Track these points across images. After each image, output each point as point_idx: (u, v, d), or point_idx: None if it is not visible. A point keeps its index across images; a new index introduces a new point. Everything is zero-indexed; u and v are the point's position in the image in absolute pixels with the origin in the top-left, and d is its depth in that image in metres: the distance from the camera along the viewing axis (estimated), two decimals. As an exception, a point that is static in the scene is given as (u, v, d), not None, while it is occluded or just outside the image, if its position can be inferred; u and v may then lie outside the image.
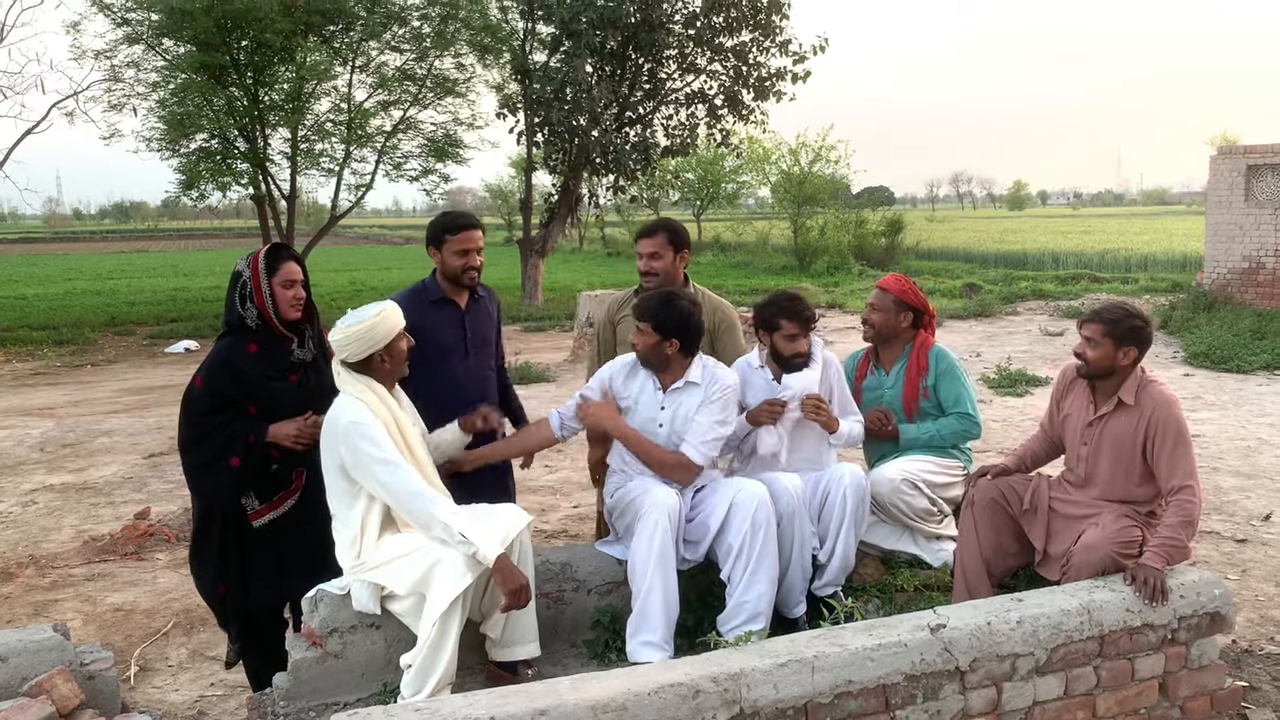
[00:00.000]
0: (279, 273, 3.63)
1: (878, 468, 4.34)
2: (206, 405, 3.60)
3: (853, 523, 3.94)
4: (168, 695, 4.26)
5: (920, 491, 4.22)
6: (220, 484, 3.60)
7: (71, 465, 8.34)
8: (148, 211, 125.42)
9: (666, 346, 3.76)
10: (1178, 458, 3.47)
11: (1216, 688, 3.37)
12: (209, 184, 17.47)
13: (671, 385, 3.83)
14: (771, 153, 34.85)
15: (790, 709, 2.74)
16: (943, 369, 4.43)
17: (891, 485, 4.19)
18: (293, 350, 3.72)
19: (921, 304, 4.50)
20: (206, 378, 3.62)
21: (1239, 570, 5.31)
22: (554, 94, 17.24)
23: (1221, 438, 8.30)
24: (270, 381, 3.65)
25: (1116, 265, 28.75)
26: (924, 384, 4.42)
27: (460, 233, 4.04)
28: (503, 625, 3.43)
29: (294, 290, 3.66)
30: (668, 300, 3.77)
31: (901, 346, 4.50)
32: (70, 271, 36.00)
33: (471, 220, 4.12)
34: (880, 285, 4.55)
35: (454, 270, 4.05)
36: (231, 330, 3.66)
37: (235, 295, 3.64)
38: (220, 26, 15.96)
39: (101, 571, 5.70)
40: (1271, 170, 14.15)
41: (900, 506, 4.20)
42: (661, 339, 3.74)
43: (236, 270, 3.67)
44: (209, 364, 3.64)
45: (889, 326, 4.46)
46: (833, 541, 3.95)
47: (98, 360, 15.10)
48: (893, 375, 4.49)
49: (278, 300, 3.62)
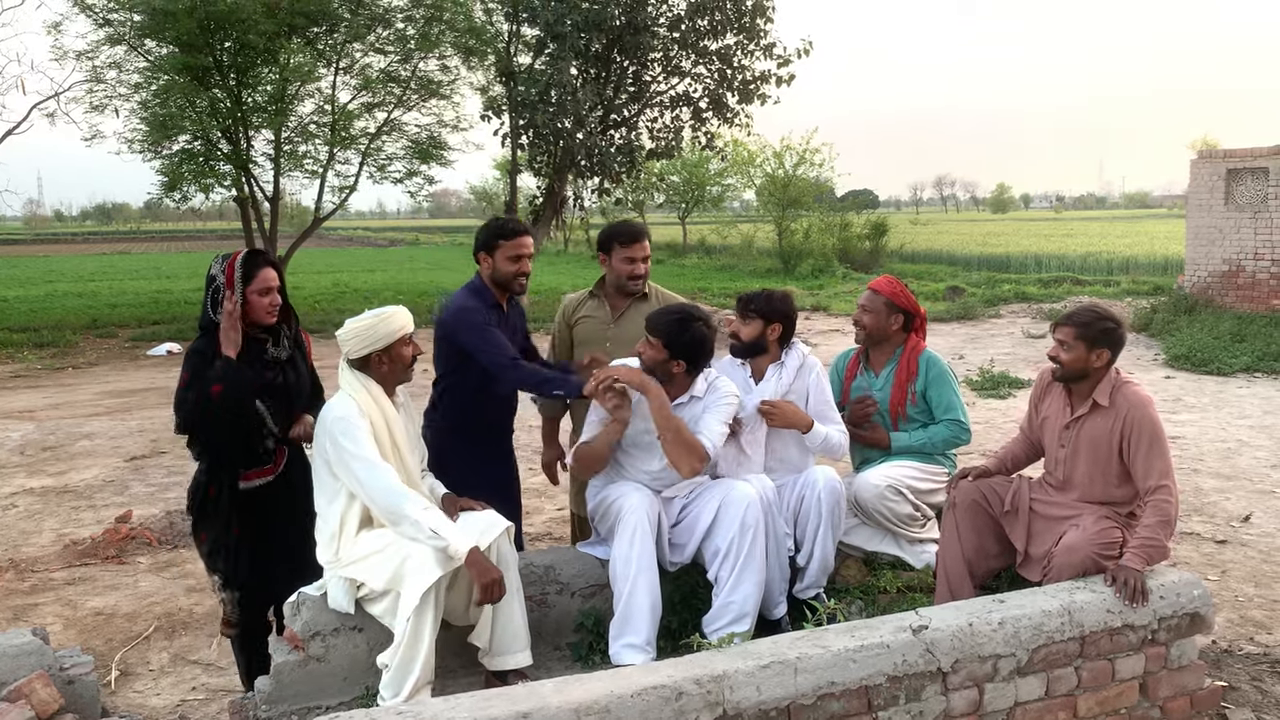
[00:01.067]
0: (255, 280, 3.63)
1: (862, 473, 4.34)
2: (189, 363, 3.63)
3: (829, 526, 3.94)
4: (149, 699, 4.23)
5: (904, 498, 4.22)
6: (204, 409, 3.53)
7: (52, 468, 8.28)
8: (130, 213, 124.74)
9: (673, 365, 3.74)
10: (1153, 458, 3.50)
11: (1196, 688, 3.40)
12: (192, 185, 17.34)
13: (675, 400, 3.80)
14: (756, 156, 34.95)
15: (773, 710, 2.74)
16: (934, 375, 4.42)
17: (876, 491, 4.19)
18: (267, 349, 3.72)
19: (912, 306, 4.48)
20: (187, 366, 3.64)
21: (1219, 571, 5.35)
22: (539, 96, 17.22)
23: (1202, 439, 8.37)
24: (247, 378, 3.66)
25: (1098, 268, 28.90)
26: (912, 389, 4.40)
27: (515, 238, 4.05)
28: (490, 633, 3.41)
29: (270, 297, 3.67)
30: (684, 322, 3.71)
31: (892, 349, 4.47)
32: (51, 273, 35.72)
33: (525, 226, 4.14)
34: (871, 287, 4.52)
35: (506, 276, 4.05)
36: (205, 332, 3.66)
37: (209, 298, 3.65)
38: (203, 28, 15.86)
39: (82, 575, 5.66)
40: (1251, 174, 14.28)
41: (884, 512, 4.21)
42: (670, 357, 3.72)
43: (212, 274, 3.67)
44: (187, 358, 3.67)
45: (879, 328, 4.44)
46: (810, 545, 3.96)
47: (79, 363, 14.99)
48: (882, 378, 4.47)
49: (252, 307, 3.63)
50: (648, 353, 3.75)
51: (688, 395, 3.83)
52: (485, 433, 4.19)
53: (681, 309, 3.82)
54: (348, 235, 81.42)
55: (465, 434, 4.13)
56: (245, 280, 3.62)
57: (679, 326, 3.70)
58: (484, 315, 4.00)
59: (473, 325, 3.98)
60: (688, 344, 3.70)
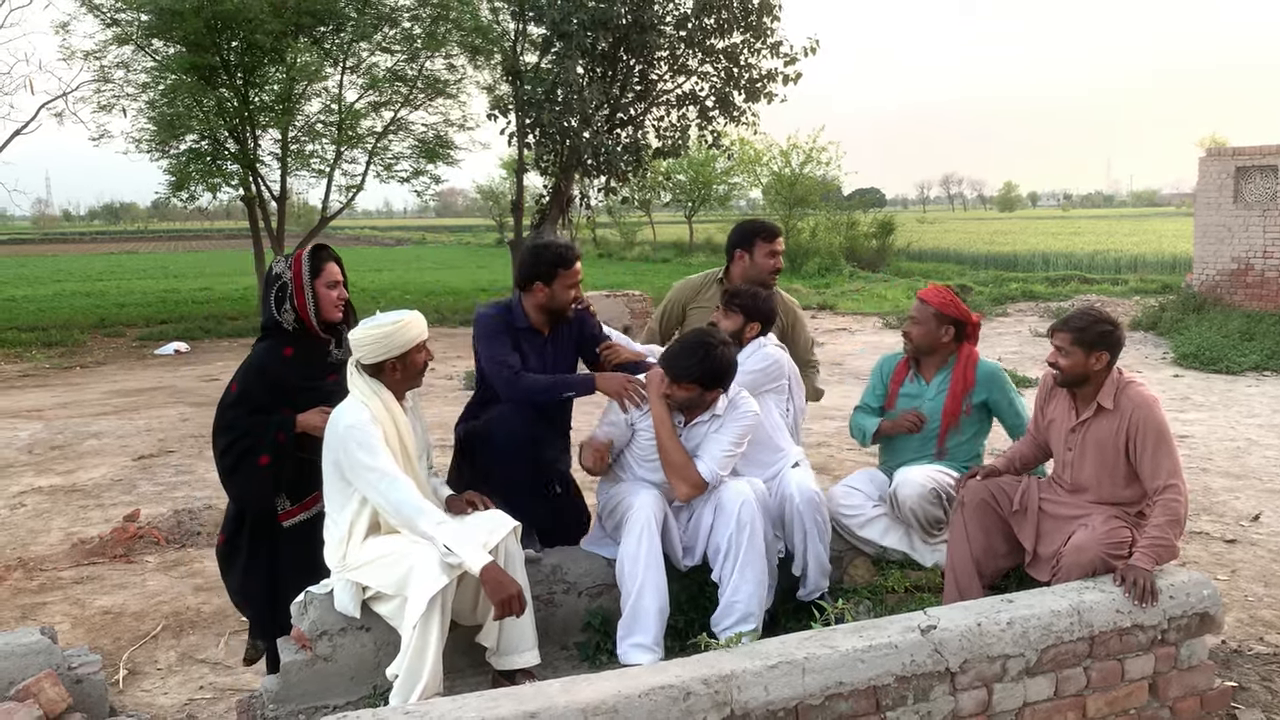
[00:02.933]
0: (323, 273, 3.62)
1: (906, 469, 4.29)
2: (236, 411, 3.59)
3: (817, 532, 3.98)
4: (156, 698, 4.24)
5: (941, 502, 4.20)
6: (251, 484, 3.60)
7: (60, 467, 8.30)
8: (137, 213, 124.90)
9: (710, 396, 3.76)
10: (1160, 457, 3.49)
11: (1206, 688, 3.38)
12: (199, 185, 17.35)
13: (695, 420, 3.83)
14: (763, 154, 34.90)
15: (781, 711, 2.73)
16: (995, 390, 4.36)
17: (920, 491, 4.15)
18: (331, 351, 3.70)
19: (964, 315, 4.35)
20: (241, 382, 3.61)
21: (1228, 571, 5.33)
22: (545, 95, 17.20)
23: (1211, 438, 8.33)
24: (309, 383, 3.64)
25: (1106, 266, 28.82)
26: (969, 401, 4.33)
27: (573, 266, 3.98)
28: (498, 634, 3.41)
29: (337, 290, 3.66)
30: (707, 355, 3.65)
31: (945, 357, 4.38)
32: (59, 273, 35.81)
33: (578, 251, 4.06)
34: (920, 296, 4.39)
35: (563, 304, 4.01)
36: (268, 334, 3.63)
37: (271, 298, 3.60)
38: (210, 27, 15.88)
39: (90, 574, 5.67)
40: (1260, 172, 14.22)
41: (919, 512, 4.17)
42: (704, 391, 3.72)
43: (275, 273, 3.63)
44: (244, 369, 3.63)
45: (928, 340, 4.34)
46: (802, 552, 3.98)
47: (87, 362, 15.03)
48: (934, 386, 4.38)
49: (321, 301, 3.61)
50: (678, 395, 3.72)
51: (709, 414, 3.84)
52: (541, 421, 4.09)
53: (699, 342, 3.73)
54: (354, 234, 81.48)
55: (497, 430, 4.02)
56: (314, 274, 3.60)
57: (705, 360, 3.65)
58: (495, 325, 3.99)
59: (480, 335, 4.00)
60: (715, 373, 3.69)
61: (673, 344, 3.95)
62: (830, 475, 6.95)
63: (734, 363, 3.77)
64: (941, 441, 4.38)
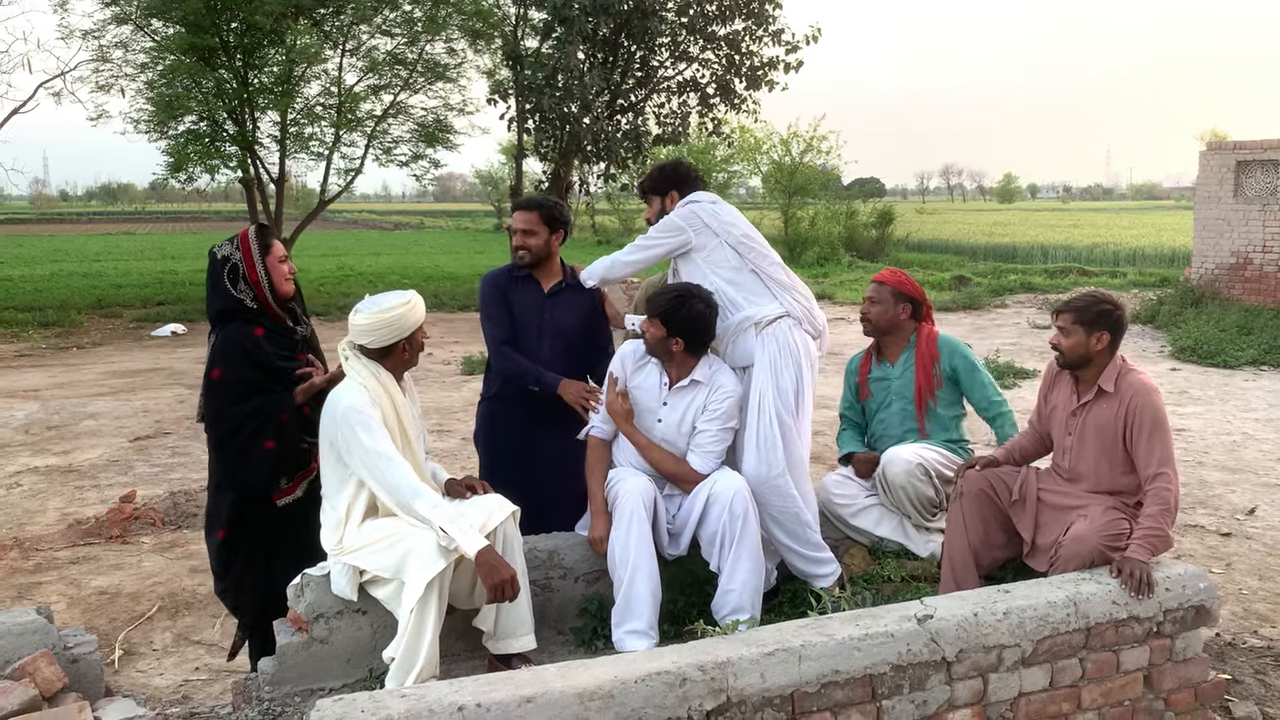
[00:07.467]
0: (272, 250, 3.67)
1: (893, 448, 4.31)
2: (233, 394, 3.58)
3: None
4: (152, 679, 4.24)
5: (930, 480, 4.21)
6: (258, 470, 3.62)
7: (56, 448, 8.29)
8: (135, 193, 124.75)
9: (672, 343, 3.78)
10: (1154, 444, 3.50)
11: (1200, 680, 3.39)
12: (197, 166, 17.30)
13: (677, 383, 3.85)
14: (763, 142, 34.78)
15: (777, 698, 2.74)
16: (958, 356, 4.43)
17: (907, 468, 4.17)
18: (294, 329, 3.71)
19: (919, 294, 4.50)
20: (224, 366, 3.59)
21: (1223, 564, 5.34)
22: (545, 80, 17.14)
23: (1207, 432, 8.35)
24: (282, 364, 3.65)
25: (1105, 259, 28.82)
26: (938, 370, 4.40)
27: (514, 212, 4.30)
28: (494, 618, 3.40)
29: (287, 264, 3.71)
30: (681, 300, 3.76)
31: (906, 337, 4.49)
32: (56, 253, 35.71)
33: (524, 202, 4.28)
34: (876, 279, 4.55)
35: (512, 248, 4.25)
36: (233, 316, 3.63)
37: (224, 279, 3.61)
38: (209, 8, 15.82)
39: (86, 554, 5.67)
40: (1260, 166, 14.20)
41: (909, 490, 4.18)
42: (668, 334, 3.76)
43: (222, 255, 3.64)
44: (223, 353, 3.60)
45: (887, 318, 4.46)
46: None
47: (83, 343, 15.00)
48: (899, 365, 4.47)
49: (273, 274, 3.64)
50: (650, 331, 3.81)
51: (689, 379, 3.85)
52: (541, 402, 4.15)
53: (682, 288, 3.85)
54: (353, 218, 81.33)
55: (522, 405, 4.16)
56: (264, 250, 3.63)
57: (676, 304, 3.75)
58: (491, 289, 4.22)
59: (480, 296, 4.28)
60: (683, 320, 3.74)
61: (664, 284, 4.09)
62: (824, 464, 6.96)
63: (704, 320, 3.79)
64: (921, 419, 4.42)
